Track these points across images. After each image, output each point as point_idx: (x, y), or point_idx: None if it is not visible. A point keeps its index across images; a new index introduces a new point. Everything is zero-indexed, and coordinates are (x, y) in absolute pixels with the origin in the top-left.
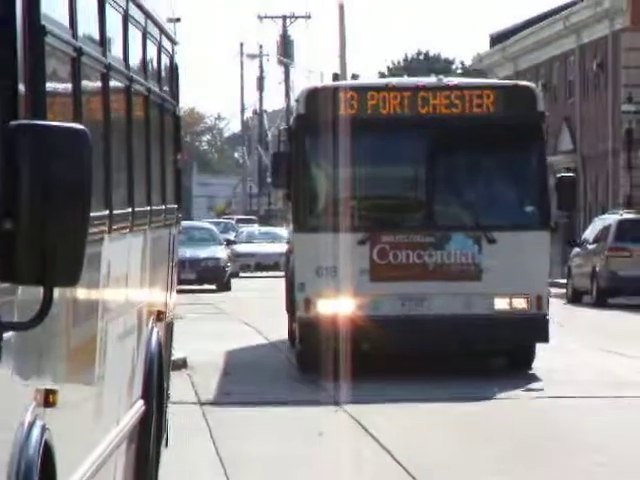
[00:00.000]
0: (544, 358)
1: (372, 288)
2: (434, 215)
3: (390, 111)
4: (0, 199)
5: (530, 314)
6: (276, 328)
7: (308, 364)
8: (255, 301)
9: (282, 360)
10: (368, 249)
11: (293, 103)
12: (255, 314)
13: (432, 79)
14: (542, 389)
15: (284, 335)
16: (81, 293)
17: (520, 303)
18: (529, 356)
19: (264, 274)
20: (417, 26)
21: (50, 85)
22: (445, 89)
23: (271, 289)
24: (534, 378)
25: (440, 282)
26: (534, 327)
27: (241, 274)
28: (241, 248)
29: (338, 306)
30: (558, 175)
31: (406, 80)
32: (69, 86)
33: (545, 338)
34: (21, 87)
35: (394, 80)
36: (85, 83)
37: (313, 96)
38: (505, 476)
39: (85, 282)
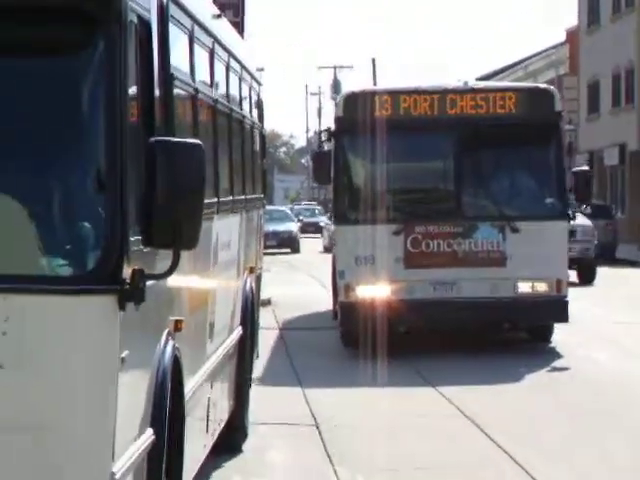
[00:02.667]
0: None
1: (406, 274)
2: (462, 207)
3: (421, 112)
4: (145, 193)
5: (551, 296)
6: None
7: (350, 343)
8: (316, 260)
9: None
10: (402, 239)
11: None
12: (316, 269)
13: (459, 83)
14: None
15: None
16: (198, 254)
17: (541, 287)
18: (548, 333)
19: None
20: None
21: (176, 113)
22: (471, 92)
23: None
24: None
25: (468, 268)
26: (555, 308)
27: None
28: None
29: (375, 291)
30: (574, 169)
31: (435, 84)
32: (190, 113)
33: (565, 318)
34: (157, 114)
35: (424, 84)
36: (200, 111)
37: (350, 99)
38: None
39: (201, 247)
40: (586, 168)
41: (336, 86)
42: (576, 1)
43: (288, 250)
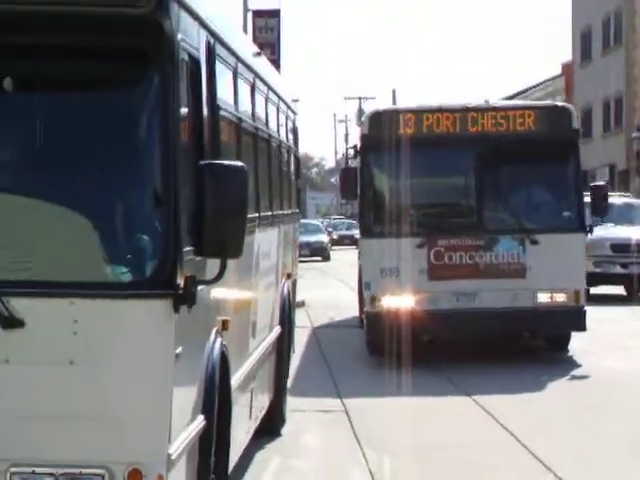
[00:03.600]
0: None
1: (430, 286)
2: (483, 220)
3: (443, 130)
4: (196, 209)
5: (569, 306)
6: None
7: (375, 351)
8: (345, 267)
9: None
10: (426, 252)
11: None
12: (345, 275)
13: (480, 101)
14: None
15: None
16: (243, 262)
17: (560, 297)
18: (565, 341)
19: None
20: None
21: (222, 139)
22: (491, 110)
23: (354, 260)
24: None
25: (489, 280)
26: (573, 318)
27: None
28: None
29: (400, 302)
30: (592, 184)
31: (457, 103)
32: (234, 139)
33: (583, 327)
34: (205, 140)
35: (446, 103)
36: (242, 138)
37: (376, 118)
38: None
39: (245, 256)
40: (603, 183)
41: (361, 115)
42: (570, 39)
43: (319, 258)
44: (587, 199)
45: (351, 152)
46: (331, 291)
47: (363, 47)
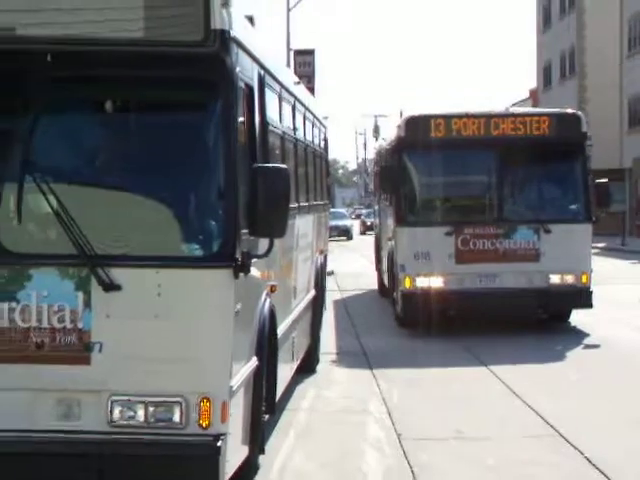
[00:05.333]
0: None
1: (457, 269)
2: (503, 212)
3: (469, 133)
4: (250, 200)
5: (577, 287)
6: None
7: (409, 324)
8: (364, 245)
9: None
10: (453, 239)
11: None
12: (364, 251)
13: (501, 109)
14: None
15: None
16: (286, 240)
17: (570, 278)
18: (567, 315)
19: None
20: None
21: (270, 147)
22: (511, 116)
23: (371, 240)
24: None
25: (508, 263)
26: (580, 297)
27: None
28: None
29: (431, 282)
30: (596, 181)
31: (481, 110)
32: (279, 147)
33: (589, 305)
34: (257, 148)
35: (471, 110)
36: (286, 146)
37: (411, 122)
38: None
39: (288, 236)
40: (606, 180)
41: (376, 129)
42: (535, 70)
43: (344, 238)
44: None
45: (388, 152)
46: (353, 263)
47: (377, 75)
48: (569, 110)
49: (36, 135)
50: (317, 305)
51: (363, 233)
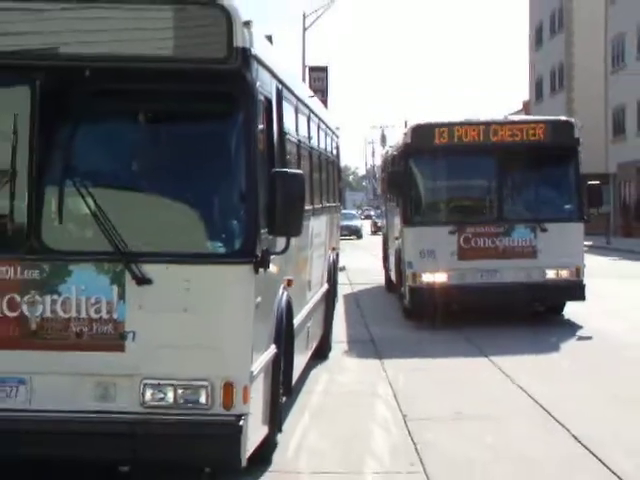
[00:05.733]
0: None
1: (459, 265)
2: (502, 212)
3: (470, 139)
4: (269, 203)
5: (571, 281)
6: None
7: (415, 317)
8: (372, 244)
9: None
10: (456, 237)
11: (401, 135)
12: (372, 249)
13: (500, 117)
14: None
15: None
16: (302, 240)
17: (564, 273)
18: (561, 307)
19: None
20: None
21: (287, 154)
22: (509, 123)
23: (378, 239)
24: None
25: (507, 260)
26: (574, 290)
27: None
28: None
29: (435, 278)
30: (588, 183)
31: (481, 118)
32: (295, 154)
33: (582, 297)
34: (276, 155)
35: (472, 118)
36: (302, 153)
37: (416, 130)
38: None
39: (303, 235)
40: (597, 182)
41: (383, 138)
42: (528, 84)
43: (354, 237)
44: None
45: (396, 158)
46: (363, 260)
47: (384, 89)
48: (563, 117)
49: (75, 143)
50: (330, 298)
51: (374, 233)
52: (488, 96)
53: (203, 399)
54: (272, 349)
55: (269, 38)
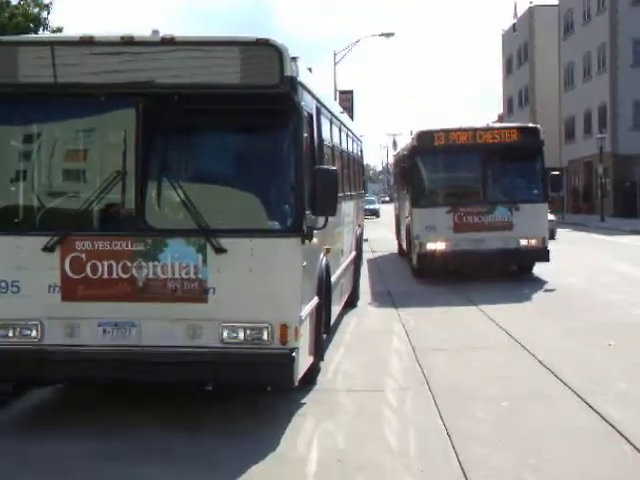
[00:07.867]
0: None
1: (455, 236)
2: (486, 196)
3: (462, 141)
4: (312, 191)
5: (539, 247)
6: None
7: (422, 275)
8: (388, 221)
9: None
10: (452, 215)
11: (409, 139)
12: (388, 225)
13: (484, 125)
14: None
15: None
16: (336, 219)
17: (533, 241)
18: (530, 267)
19: None
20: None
21: (324, 156)
22: (491, 129)
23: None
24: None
25: (490, 232)
26: (541, 254)
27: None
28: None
29: (437, 246)
30: (552, 173)
31: (470, 126)
32: (330, 155)
33: (548, 260)
34: (316, 157)
35: (464, 126)
36: (335, 154)
37: (421, 135)
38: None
39: (338, 215)
40: (559, 172)
41: (394, 143)
42: (501, 101)
43: (374, 217)
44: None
45: (405, 156)
46: (380, 233)
47: (394, 105)
48: (531, 124)
49: (168, 149)
50: (357, 261)
51: (385, 203)
52: (473, 110)
53: (265, 337)
54: (315, 299)
55: (310, 69)
